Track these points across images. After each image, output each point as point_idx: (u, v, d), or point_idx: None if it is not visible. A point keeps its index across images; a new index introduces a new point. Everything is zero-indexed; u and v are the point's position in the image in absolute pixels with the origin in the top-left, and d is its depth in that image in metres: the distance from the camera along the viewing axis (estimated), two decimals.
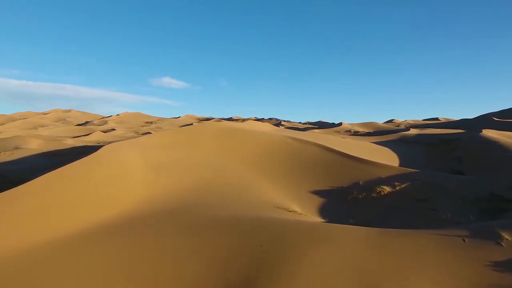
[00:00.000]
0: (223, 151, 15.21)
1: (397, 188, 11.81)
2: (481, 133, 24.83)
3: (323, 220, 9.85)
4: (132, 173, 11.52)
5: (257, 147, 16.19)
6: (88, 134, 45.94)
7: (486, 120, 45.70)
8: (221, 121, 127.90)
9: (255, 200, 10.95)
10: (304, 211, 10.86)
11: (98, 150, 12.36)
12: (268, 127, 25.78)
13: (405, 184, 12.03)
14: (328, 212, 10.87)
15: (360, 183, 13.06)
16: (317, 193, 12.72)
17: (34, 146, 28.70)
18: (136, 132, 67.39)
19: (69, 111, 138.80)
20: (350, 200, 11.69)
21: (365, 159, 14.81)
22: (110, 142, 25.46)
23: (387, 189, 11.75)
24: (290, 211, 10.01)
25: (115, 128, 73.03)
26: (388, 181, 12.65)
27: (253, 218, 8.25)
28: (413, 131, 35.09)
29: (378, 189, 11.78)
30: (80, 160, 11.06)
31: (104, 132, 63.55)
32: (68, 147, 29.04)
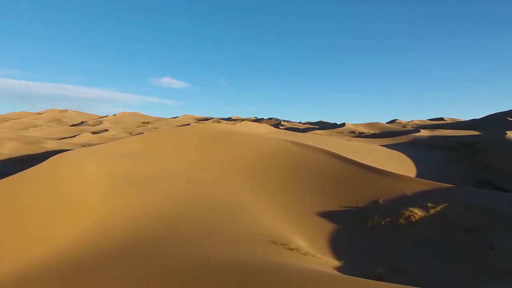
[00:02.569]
0: (208, 160, 12.41)
1: (432, 211, 9.00)
2: (506, 135, 22.02)
3: (338, 263, 7.06)
4: (82, 193, 8.73)
5: (251, 155, 13.38)
6: (74, 136, 43.12)
7: (500, 121, 42.85)
8: (220, 121, 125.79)
9: (244, 230, 8.17)
10: (310, 246, 8.07)
11: (43, 162, 9.58)
12: (265, 128, 22.96)
13: (441, 206, 9.23)
14: (343, 247, 8.07)
15: (380, 202, 10.26)
16: (326, 215, 9.93)
17: (7, 150, 25.91)
18: (130, 133, 64.69)
19: (65, 111, 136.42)
20: (370, 227, 8.89)
21: (383, 170, 12.01)
22: (97, 144, 22.70)
23: (418, 213, 8.95)
24: (292, 249, 7.21)
25: (108, 128, 70.37)
26: (417, 200, 9.85)
27: (236, 266, 5.50)
28: (424, 133, 32.26)
29: (407, 213, 8.98)
30: (14, 176, 8.29)
31: (94, 133, 60.92)
32: (45, 150, 26.26)
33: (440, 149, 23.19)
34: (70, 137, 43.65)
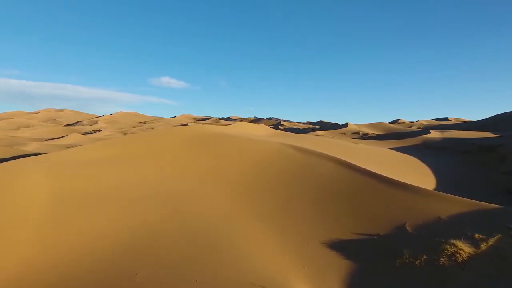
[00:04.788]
0: (188, 171, 10.07)
1: (483, 247, 6.67)
2: None
3: None
4: (13, 221, 6.43)
5: (243, 164, 11.04)
6: (62, 137, 40.73)
7: None
8: (219, 121, 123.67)
9: (228, 276, 5.86)
10: None
11: None
12: (262, 130, 20.61)
13: (494, 239, 6.90)
14: None
15: (408, 228, 7.95)
16: (338, 247, 7.61)
17: None
18: (124, 133, 62.46)
19: (62, 110, 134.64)
20: (400, 268, 6.55)
21: (408, 184, 9.67)
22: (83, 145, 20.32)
23: (465, 248, 6.62)
24: None
25: (101, 129, 68.14)
26: (457, 227, 7.53)
27: None
28: (434, 134, 29.92)
29: (449, 249, 6.65)
30: None
31: (87, 134, 58.62)
32: (21, 154, 23.94)
33: (457, 153, 20.87)
34: (57, 138, 41.27)
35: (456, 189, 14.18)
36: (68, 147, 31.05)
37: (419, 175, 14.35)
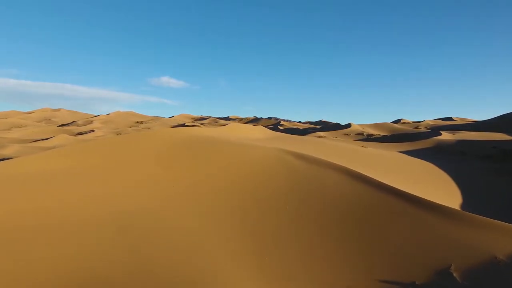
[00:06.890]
0: (165, 188, 7.87)
1: None
2: None
3: None
4: None
5: (232, 178, 8.85)
6: (48, 138, 38.43)
7: None
8: (217, 120, 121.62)
9: None
10: None
11: None
12: (259, 132, 18.37)
13: None
14: None
15: (454, 274, 5.78)
16: None
17: None
18: (118, 134, 60.34)
19: (58, 110, 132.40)
20: None
21: (449, 209, 7.49)
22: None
23: None
24: None
25: (95, 129, 66.02)
26: None
27: None
28: (446, 136, 27.70)
29: None
30: None
31: (79, 134, 56.51)
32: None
33: (478, 158, 18.70)
34: (42, 139, 39.06)
35: (490, 208, 12.06)
36: (54, 148, 28.86)
37: (442, 191, 12.19)
